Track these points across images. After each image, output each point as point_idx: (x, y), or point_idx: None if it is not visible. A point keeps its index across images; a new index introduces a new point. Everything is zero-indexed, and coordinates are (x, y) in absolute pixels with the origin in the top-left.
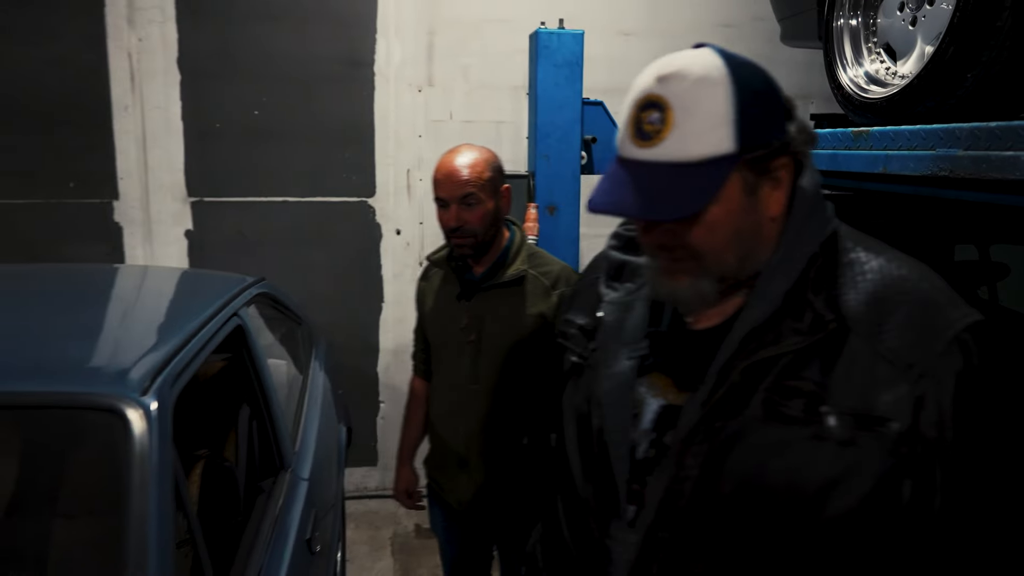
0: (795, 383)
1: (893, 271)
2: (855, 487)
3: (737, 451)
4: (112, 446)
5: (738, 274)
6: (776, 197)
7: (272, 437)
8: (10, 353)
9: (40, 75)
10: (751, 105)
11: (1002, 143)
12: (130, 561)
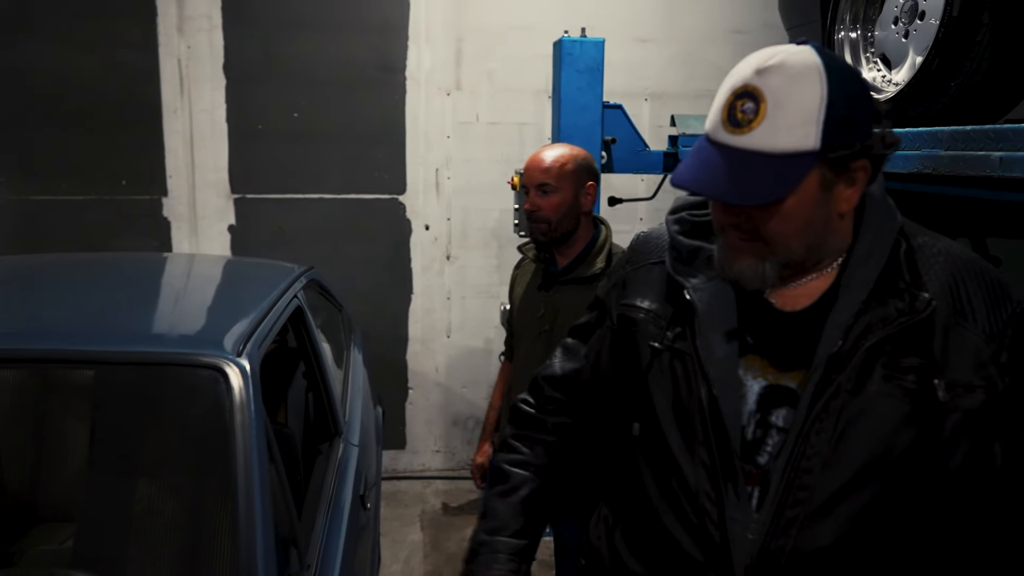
0: (907, 359)
1: (958, 253)
2: (962, 449)
3: (860, 427)
4: (216, 397)
5: (804, 262)
6: (848, 195)
7: (327, 406)
8: (125, 324)
9: (96, 80)
10: (840, 107)
11: (975, 144)
12: (239, 485)
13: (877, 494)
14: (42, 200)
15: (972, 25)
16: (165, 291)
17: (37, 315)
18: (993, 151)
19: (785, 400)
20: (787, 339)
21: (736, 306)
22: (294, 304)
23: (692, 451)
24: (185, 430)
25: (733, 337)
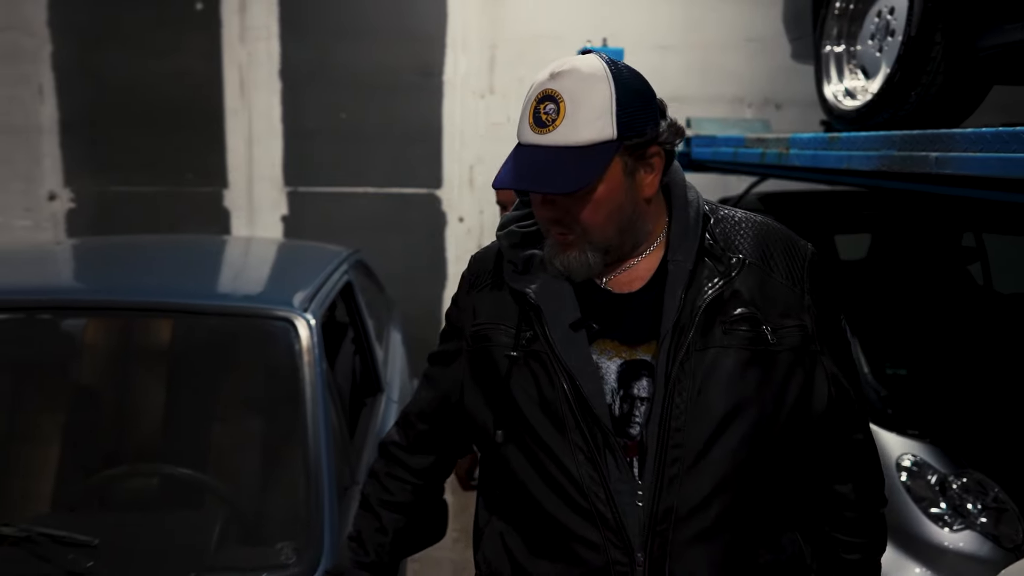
0: (737, 312)
1: (755, 219)
2: (796, 382)
3: (716, 377)
4: (288, 342)
5: (620, 246)
6: (650, 180)
7: (372, 367)
8: (211, 285)
9: (166, 85)
10: (627, 101)
11: (920, 146)
12: (307, 412)
13: (743, 436)
14: (118, 191)
15: (927, 44)
16: (237, 263)
17: (136, 278)
18: (931, 152)
19: (642, 372)
20: (631, 318)
21: (577, 299)
22: (345, 278)
23: (567, 440)
24: (264, 368)
25: (580, 327)
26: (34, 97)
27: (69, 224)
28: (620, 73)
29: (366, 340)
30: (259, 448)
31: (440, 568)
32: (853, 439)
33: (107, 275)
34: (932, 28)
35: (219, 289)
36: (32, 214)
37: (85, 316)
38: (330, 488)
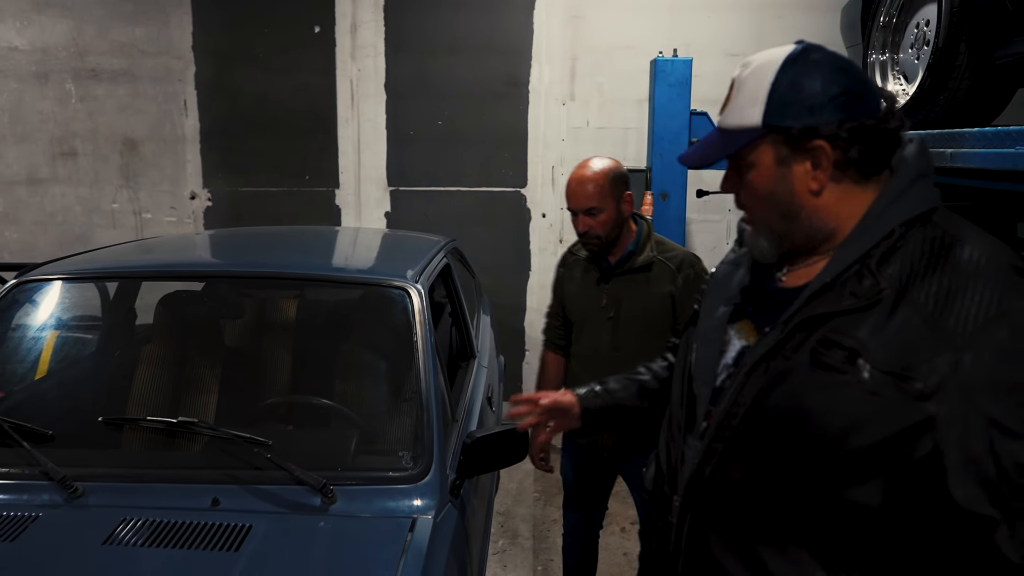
0: (839, 337)
1: (962, 253)
2: (874, 431)
3: (781, 388)
4: (404, 306)
5: (790, 236)
6: (815, 175)
7: (466, 336)
8: (345, 263)
9: (288, 97)
10: (784, 91)
11: (938, 143)
12: (419, 362)
13: (783, 446)
14: (246, 191)
15: (953, 52)
16: (358, 246)
17: (282, 256)
18: (947, 148)
19: None
20: (775, 310)
21: (750, 280)
22: (444, 261)
23: (681, 391)
24: (385, 325)
25: (729, 303)
26: (180, 111)
27: (206, 219)
28: (800, 64)
29: (461, 314)
30: (383, 385)
31: (522, 523)
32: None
33: (260, 254)
34: (957, 39)
35: (349, 265)
36: (176, 211)
37: (251, 285)
38: (436, 414)
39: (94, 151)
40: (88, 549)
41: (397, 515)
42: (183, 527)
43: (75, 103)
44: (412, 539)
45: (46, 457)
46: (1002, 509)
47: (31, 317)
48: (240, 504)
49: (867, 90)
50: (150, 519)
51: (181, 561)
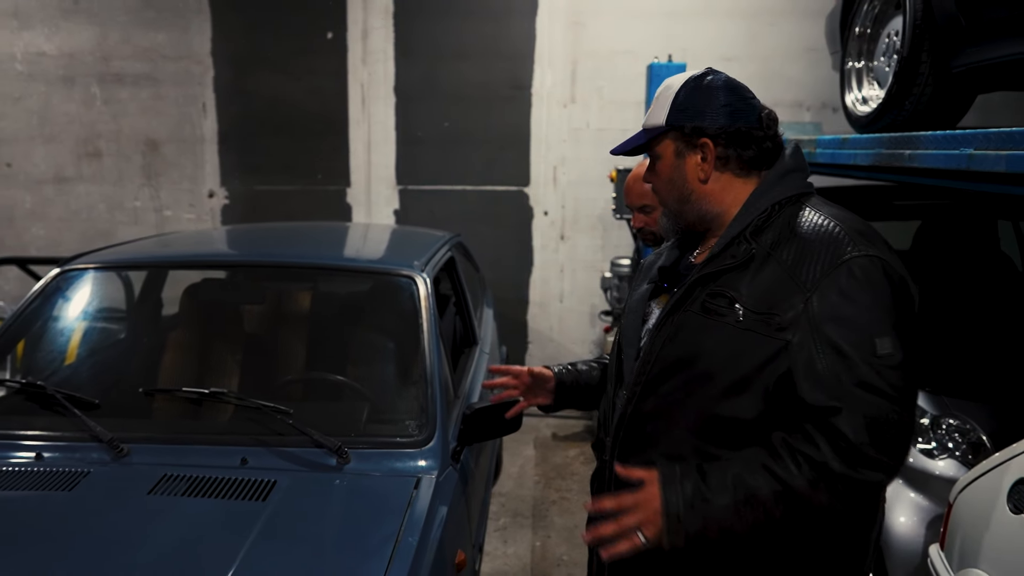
0: (722, 289)
1: (818, 220)
2: (747, 359)
3: (681, 333)
4: (411, 293)
5: (683, 216)
6: (703, 167)
7: (469, 324)
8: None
9: (302, 100)
10: (688, 100)
11: (899, 145)
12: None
13: (683, 379)
14: (261, 189)
15: (916, 62)
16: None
17: (299, 248)
18: (905, 150)
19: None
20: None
21: (670, 266)
22: (449, 254)
23: (615, 355)
24: (394, 309)
25: (651, 282)
26: (199, 113)
27: (224, 216)
28: (697, 83)
29: (464, 303)
30: (392, 363)
31: (522, 503)
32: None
33: (280, 246)
34: (920, 49)
35: (360, 256)
36: (195, 208)
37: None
38: (439, 388)
39: (118, 151)
40: (136, 498)
41: (403, 474)
42: (217, 481)
43: (100, 105)
44: (417, 495)
45: (95, 422)
46: (840, 401)
47: (73, 302)
48: (265, 463)
49: (748, 106)
50: (188, 474)
51: (217, 508)
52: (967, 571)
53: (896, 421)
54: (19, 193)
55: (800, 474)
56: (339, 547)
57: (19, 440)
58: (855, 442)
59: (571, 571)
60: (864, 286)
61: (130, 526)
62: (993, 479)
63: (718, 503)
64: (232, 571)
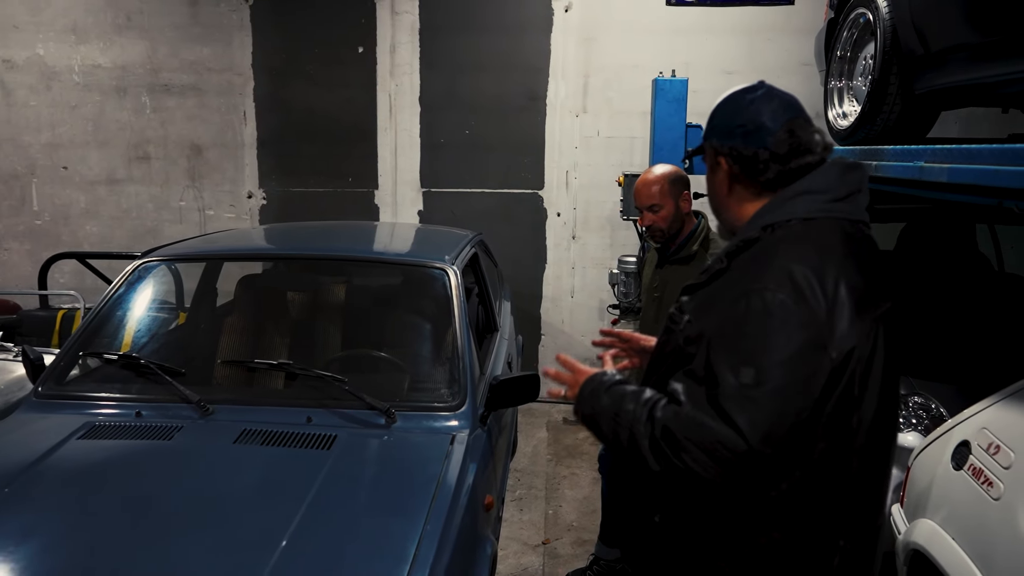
0: (686, 300)
1: (769, 248)
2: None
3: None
4: (444, 286)
5: (723, 223)
6: (719, 178)
7: (490, 313)
8: (395, 248)
9: (334, 109)
10: (714, 118)
11: (867, 157)
12: (456, 325)
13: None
14: (296, 191)
15: (885, 84)
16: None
17: (342, 242)
18: (872, 160)
19: None
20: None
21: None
22: (473, 250)
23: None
24: (429, 296)
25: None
26: (240, 121)
27: (261, 216)
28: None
29: (486, 295)
30: (428, 341)
31: (536, 477)
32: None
33: (328, 241)
34: (889, 73)
35: (400, 250)
36: (235, 208)
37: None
38: (469, 362)
39: (165, 155)
40: (224, 445)
41: (441, 432)
42: (289, 435)
43: (149, 113)
44: (452, 448)
45: (184, 387)
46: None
47: (152, 289)
48: (327, 421)
49: (758, 127)
50: (264, 429)
51: (292, 454)
52: (918, 521)
53: (719, 436)
54: (75, 193)
55: (643, 423)
56: (392, 485)
57: (121, 401)
58: (668, 424)
59: (580, 535)
60: (754, 316)
61: (222, 466)
62: (941, 444)
63: (601, 404)
64: (308, 500)
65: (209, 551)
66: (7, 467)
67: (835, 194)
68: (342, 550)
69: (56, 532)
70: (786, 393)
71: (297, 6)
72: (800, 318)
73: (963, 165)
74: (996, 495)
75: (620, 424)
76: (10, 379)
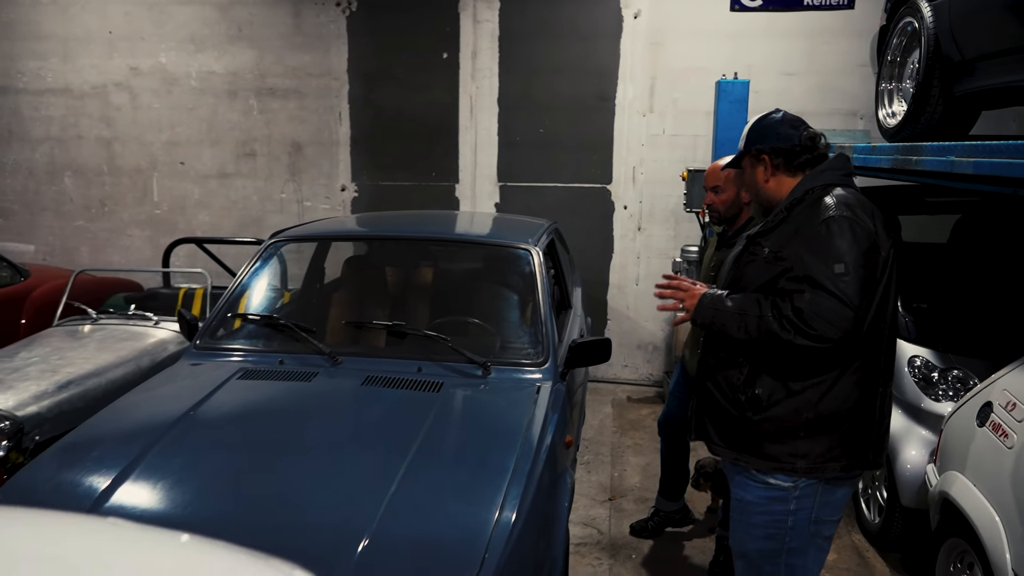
0: (759, 240)
1: (825, 198)
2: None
3: (738, 266)
4: (529, 264)
5: (761, 203)
6: (761, 171)
7: (565, 292)
8: (487, 232)
9: (420, 110)
10: (752, 134)
11: (908, 152)
12: (539, 296)
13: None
14: (385, 184)
15: (928, 87)
16: (489, 223)
17: (438, 227)
18: (912, 156)
19: None
20: None
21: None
22: (550, 236)
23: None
24: (515, 275)
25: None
26: (335, 121)
27: (353, 207)
28: (758, 125)
29: (562, 275)
30: (515, 310)
31: (603, 446)
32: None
33: (423, 225)
34: (932, 77)
35: (491, 233)
36: (330, 200)
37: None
38: (551, 327)
39: (269, 152)
40: (353, 387)
41: (528, 383)
42: (404, 380)
43: (256, 114)
44: (538, 396)
45: (317, 342)
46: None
47: (273, 266)
48: (434, 372)
49: (788, 133)
50: (384, 375)
51: (408, 395)
52: (948, 473)
53: (834, 308)
54: (190, 186)
55: (768, 312)
56: (491, 421)
57: (265, 352)
58: (802, 309)
59: (642, 494)
60: (834, 232)
61: (352, 403)
62: (969, 407)
63: (725, 307)
64: (424, 430)
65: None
66: (184, 399)
67: (845, 171)
68: (449, 482)
69: (221, 454)
70: (863, 274)
71: (389, 17)
72: (861, 229)
73: (986, 159)
74: (1010, 444)
75: (748, 316)
76: (154, 342)
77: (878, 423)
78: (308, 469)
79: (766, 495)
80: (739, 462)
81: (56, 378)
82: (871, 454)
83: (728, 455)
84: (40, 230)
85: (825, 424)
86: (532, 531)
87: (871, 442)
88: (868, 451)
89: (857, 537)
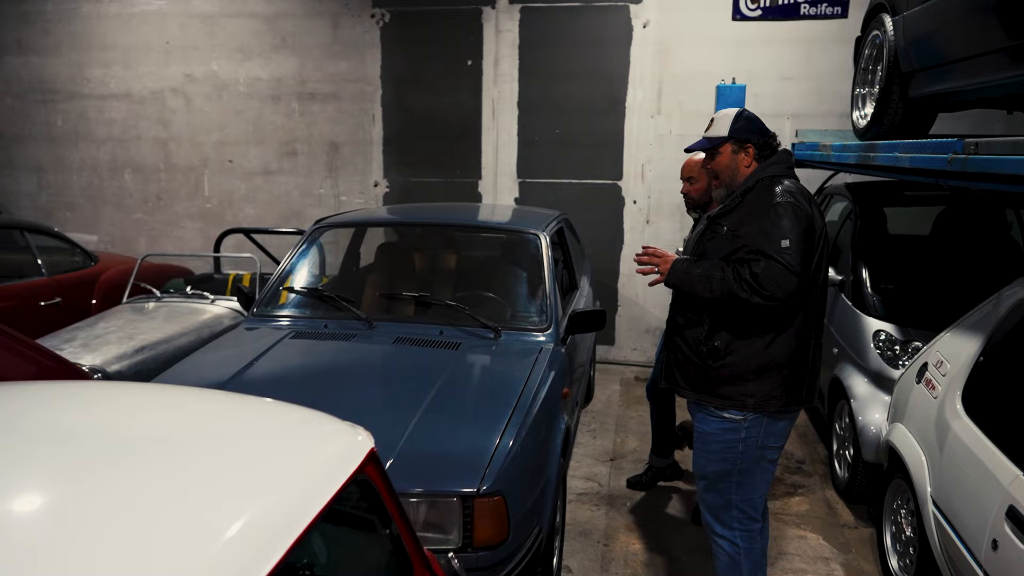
0: (719, 220)
1: (772, 186)
2: (727, 251)
3: (701, 242)
4: (536, 247)
5: (733, 187)
6: (744, 159)
7: (572, 275)
8: (503, 220)
9: (446, 112)
10: (735, 125)
11: (869, 149)
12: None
13: (707, 250)
14: (415, 181)
15: (889, 91)
16: (503, 213)
17: (458, 215)
18: (871, 152)
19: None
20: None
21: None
22: (559, 225)
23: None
24: (525, 256)
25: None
26: (369, 122)
27: (384, 201)
28: (741, 116)
29: (569, 260)
30: (524, 285)
31: (608, 417)
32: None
33: (446, 214)
34: (892, 83)
35: (503, 220)
36: (363, 195)
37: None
38: (554, 300)
39: (308, 151)
40: (385, 345)
41: (532, 345)
42: (428, 341)
43: (297, 117)
44: (539, 357)
45: (356, 310)
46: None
47: (319, 252)
48: (453, 335)
49: (762, 129)
50: (411, 337)
51: (431, 352)
52: (894, 425)
53: (782, 274)
54: (237, 182)
55: (730, 276)
56: (499, 372)
57: (312, 318)
58: (758, 273)
59: (640, 456)
60: (781, 215)
61: (385, 357)
62: (913, 367)
63: (693, 272)
64: (443, 377)
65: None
66: (246, 353)
67: (788, 164)
68: (461, 414)
69: (285, 382)
70: (803, 248)
71: (418, 28)
72: (802, 213)
73: (917, 154)
74: (936, 395)
75: (712, 280)
76: (211, 316)
77: (811, 368)
78: (348, 402)
79: (721, 427)
80: (700, 401)
81: (133, 343)
82: (805, 393)
83: (692, 396)
84: (102, 222)
85: (770, 369)
86: (529, 453)
87: (805, 383)
88: (803, 390)
89: (829, 492)
